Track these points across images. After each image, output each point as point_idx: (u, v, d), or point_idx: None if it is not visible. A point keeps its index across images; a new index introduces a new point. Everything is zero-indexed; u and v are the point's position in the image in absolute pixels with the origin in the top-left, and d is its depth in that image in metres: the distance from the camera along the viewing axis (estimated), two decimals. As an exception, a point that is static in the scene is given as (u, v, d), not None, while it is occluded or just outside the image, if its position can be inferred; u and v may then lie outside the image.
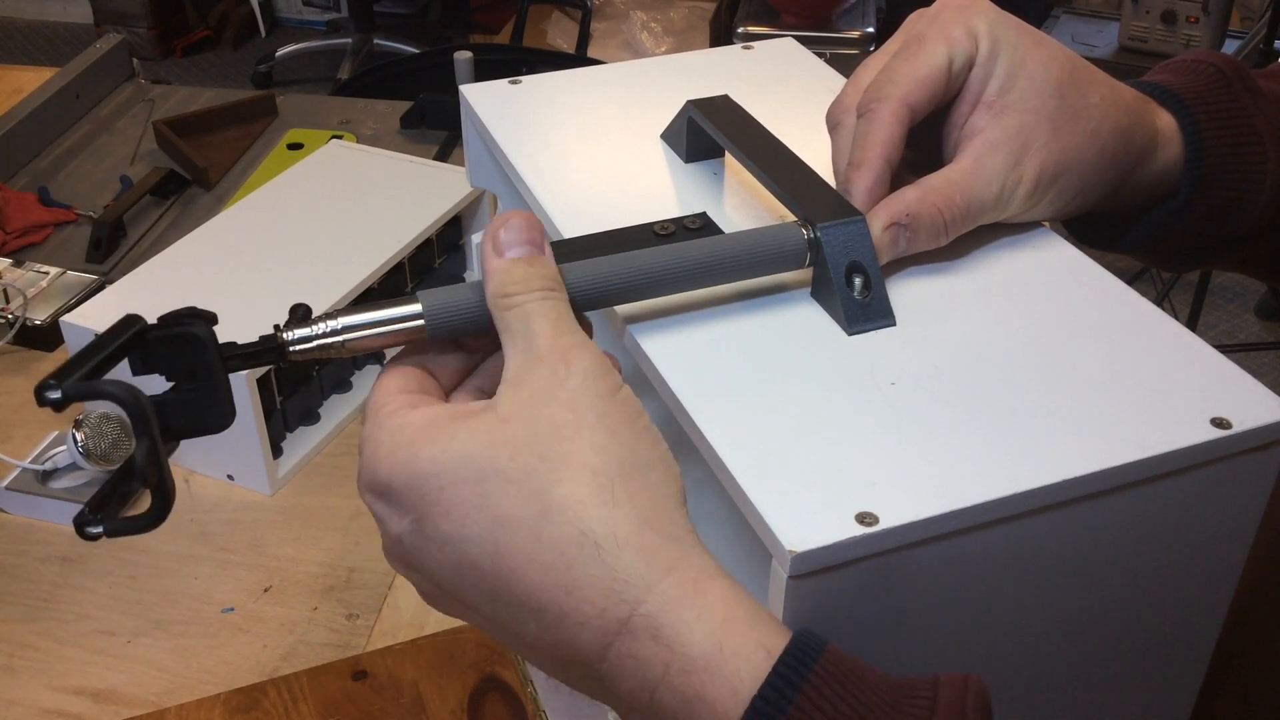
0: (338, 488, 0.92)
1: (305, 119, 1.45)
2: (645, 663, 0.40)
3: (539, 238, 0.48)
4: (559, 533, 0.41)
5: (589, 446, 0.42)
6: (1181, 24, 2.96)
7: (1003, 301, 0.55)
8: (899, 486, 0.44)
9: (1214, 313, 2.60)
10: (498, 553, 0.42)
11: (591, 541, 0.41)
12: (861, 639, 0.45)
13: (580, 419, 0.43)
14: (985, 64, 0.56)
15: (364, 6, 3.56)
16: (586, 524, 0.41)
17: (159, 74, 2.02)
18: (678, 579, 0.41)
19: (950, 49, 0.56)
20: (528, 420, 0.43)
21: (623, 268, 0.51)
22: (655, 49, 3.12)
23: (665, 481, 0.44)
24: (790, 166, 0.58)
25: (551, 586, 0.41)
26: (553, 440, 0.42)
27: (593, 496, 0.41)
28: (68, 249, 1.22)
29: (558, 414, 0.43)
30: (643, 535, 0.41)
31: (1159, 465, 0.47)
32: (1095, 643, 0.52)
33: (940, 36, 0.56)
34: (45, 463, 0.89)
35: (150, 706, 0.76)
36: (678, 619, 0.40)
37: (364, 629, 0.81)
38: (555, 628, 0.42)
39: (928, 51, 0.56)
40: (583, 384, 0.43)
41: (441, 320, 0.48)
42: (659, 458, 0.44)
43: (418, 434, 0.44)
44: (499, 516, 0.42)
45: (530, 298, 0.46)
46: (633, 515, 0.41)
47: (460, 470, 0.42)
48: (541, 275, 0.47)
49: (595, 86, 0.75)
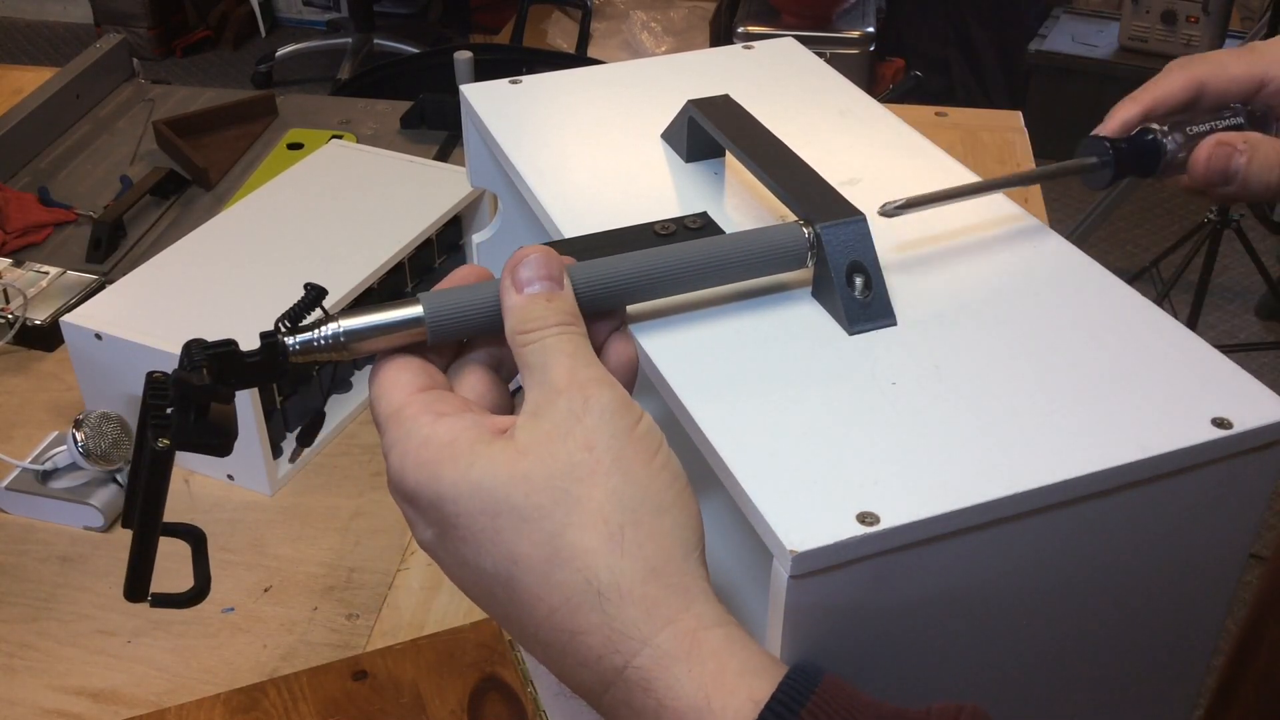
0: (338, 488, 0.92)
1: (305, 119, 1.45)
2: (637, 711, 0.42)
3: (557, 272, 0.48)
4: (566, 578, 0.42)
5: (603, 491, 0.42)
6: (1181, 24, 2.96)
7: (1003, 301, 0.55)
8: (900, 486, 0.44)
9: (1214, 313, 2.60)
10: (509, 585, 0.43)
11: (595, 590, 0.42)
12: (862, 638, 0.45)
13: (596, 460, 0.43)
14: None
15: (364, 6, 3.56)
16: (594, 572, 0.42)
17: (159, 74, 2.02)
18: (674, 632, 0.41)
19: (1271, 69, 0.62)
20: (544, 457, 0.43)
21: (624, 268, 0.50)
22: (655, 49, 3.12)
23: (679, 526, 0.43)
24: (791, 166, 0.58)
25: (556, 628, 0.43)
26: (568, 480, 0.42)
27: (602, 545, 0.42)
28: (68, 249, 1.22)
29: (574, 453, 0.43)
30: (646, 587, 0.42)
31: (1160, 465, 0.47)
32: (1095, 642, 0.52)
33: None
34: (45, 463, 0.89)
35: (150, 706, 0.76)
36: (669, 674, 0.41)
37: (364, 629, 0.81)
38: (559, 661, 0.43)
39: (1253, 57, 0.62)
40: (599, 421, 0.43)
41: (443, 323, 0.47)
42: (675, 498, 0.44)
43: (440, 453, 0.44)
44: (512, 553, 0.43)
45: (548, 333, 0.46)
46: (640, 565, 0.42)
47: (476, 501, 0.43)
48: (559, 310, 0.47)
49: (595, 86, 0.75)
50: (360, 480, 0.92)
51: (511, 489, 0.43)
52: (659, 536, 0.42)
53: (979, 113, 1.39)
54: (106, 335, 0.89)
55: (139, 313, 0.91)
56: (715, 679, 0.41)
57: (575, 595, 0.42)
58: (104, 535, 0.88)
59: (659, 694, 0.41)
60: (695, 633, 0.41)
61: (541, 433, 0.43)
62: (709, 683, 0.41)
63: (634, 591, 0.42)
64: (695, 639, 0.41)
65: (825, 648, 0.45)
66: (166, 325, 0.89)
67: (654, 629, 0.41)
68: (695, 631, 0.41)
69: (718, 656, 0.41)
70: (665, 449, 0.44)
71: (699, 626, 0.42)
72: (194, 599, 0.50)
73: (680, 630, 0.41)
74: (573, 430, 0.43)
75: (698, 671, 0.41)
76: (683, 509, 0.44)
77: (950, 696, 0.42)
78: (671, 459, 0.44)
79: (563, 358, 0.45)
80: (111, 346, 0.89)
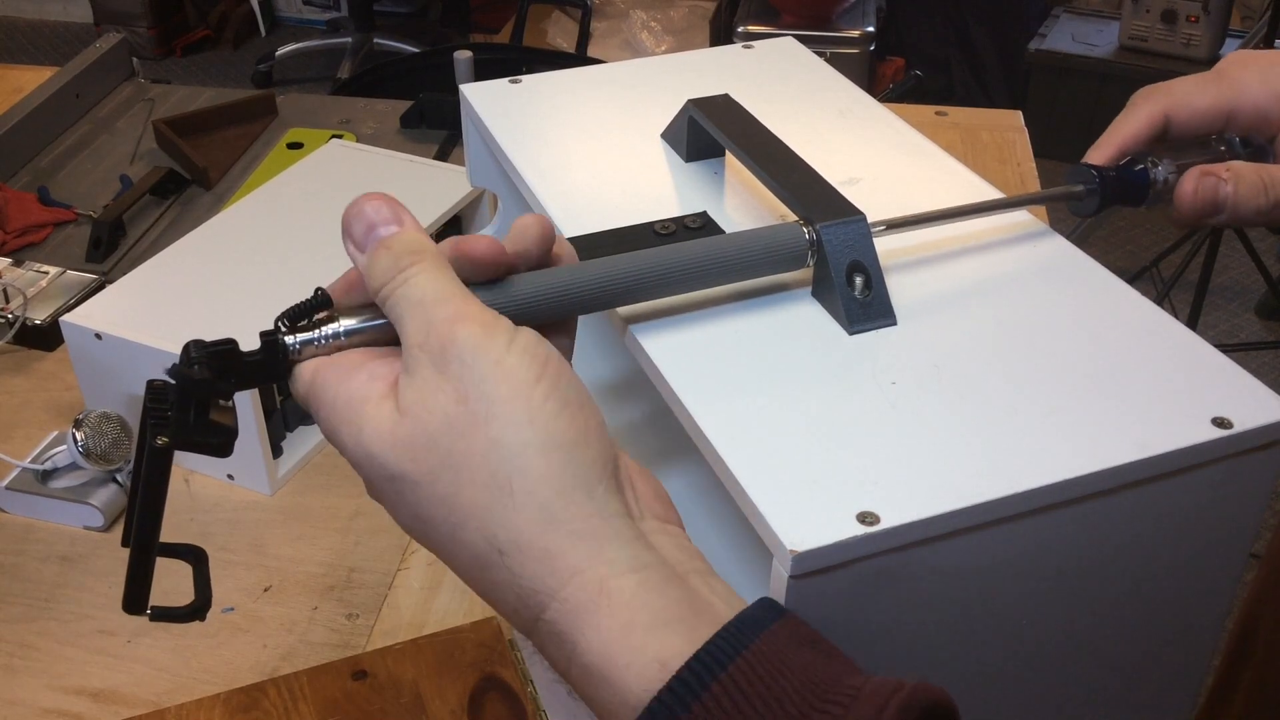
0: (338, 488, 0.92)
1: (305, 118, 1.45)
2: (554, 657, 0.42)
3: (389, 214, 0.46)
4: (469, 538, 0.42)
5: (484, 443, 0.41)
6: (1182, 23, 2.96)
7: (1003, 301, 0.55)
8: (900, 486, 0.44)
9: (1214, 312, 2.60)
10: (427, 540, 0.44)
11: (496, 549, 0.41)
12: (863, 638, 0.45)
13: (471, 412, 0.41)
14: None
15: (364, 6, 3.55)
16: (490, 530, 0.41)
17: (159, 74, 2.01)
18: (580, 583, 0.40)
19: (1238, 99, 0.61)
20: (420, 416, 0.42)
21: (624, 267, 0.50)
22: (655, 48, 3.12)
23: (574, 459, 0.41)
24: (791, 166, 0.58)
25: (475, 581, 0.43)
26: (449, 437, 0.41)
27: (493, 501, 0.41)
28: (68, 249, 1.22)
29: (448, 407, 0.41)
30: (546, 539, 0.41)
31: (1160, 465, 0.47)
32: (1096, 642, 0.52)
33: (1237, 83, 0.61)
34: (45, 463, 0.89)
35: (150, 706, 0.76)
36: (575, 629, 0.40)
37: (364, 629, 0.81)
38: (492, 607, 0.44)
39: (1219, 88, 0.61)
40: (463, 367, 0.42)
41: None
42: (565, 427, 0.42)
43: (340, 415, 0.44)
44: (418, 515, 0.43)
45: (394, 284, 0.44)
46: (535, 516, 0.41)
47: (373, 467, 0.43)
48: (398, 254, 0.44)
49: (595, 86, 0.75)
50: (360, 480, 0.92)
51: (399, 455, 0.42)
52: (551, 478, 0.41)
53: (979, 112, 1.39)
54: (106, 335, 0.89)
55: (139, 312, 0.91)
56: (622, 635, 0.39)
57: (480, 555, 0.41)
58: (104, 535, 0.88)
59: (568, 647, 0.40)
60: (604, 581, 0.40)
61: (414, 390, 0.42)
62: (615, 639, 0.39)
63: (533, 545, 0.40)
64: (604, 589, 0.40)
65: (825, 648, 0.45)
66: (166, 325, 0.89)
67: (559, 581, 0.40)
68: (604, 580, 0.40)
69: (629, 609, 0.39)
70: (550, 372, 0.42)
71: (609, 575, 0.40)
72: (193, 614, 0.49)
73: (588, 580, 0.40)
74: (440, 385, 0.42)
75: (606, 625, 0.39)
76: (577, 435, 0.42)
77: (951, 695, 0.42)
78: (559, 381, 0.42)
79: (413, 307, 0.43)
80: (111, 346, 0.89)
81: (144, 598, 0.47)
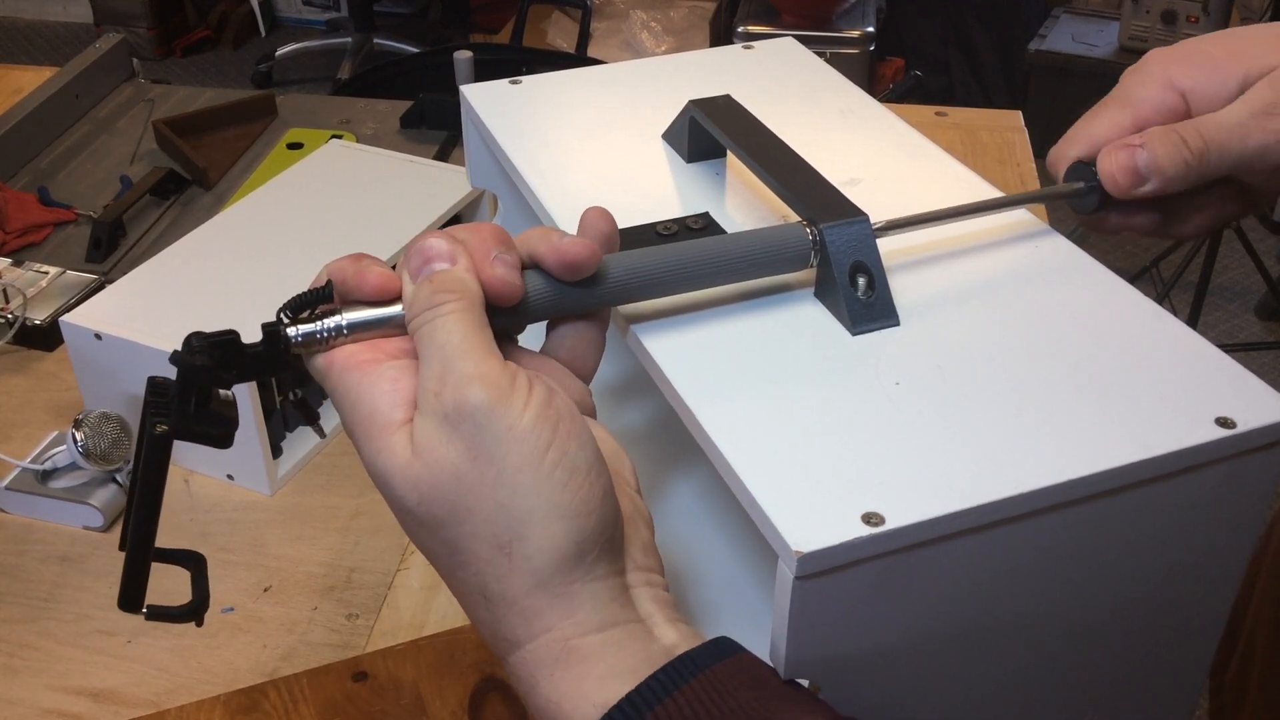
0: (338, 488, 0.92)
1: (305, 119, 1.44)
2: (517, 687, 0.46)
3: (445, 251, 0.46)
4: (465, 578, 0.45)
5: (491, 505, 0.43)
6: (1182, 24, 2.96)
7: (1006, 301, 0.55)
8: (905, 487, 0.44)
9: (1214, 313, 2.60)
10: (426, 556, 0.47)
11: (484, 595, 0.44)
12: (867, 639, 0.45)
13: (481, 472, 0.43)
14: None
15: (364, 6, 3.55)
16: (484, 580, 0.44)
17: (159, 74, 2.01)
18: (548, 640, 0.44)
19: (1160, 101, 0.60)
20: (432, 464, 0.43)
21: (625, 268, 0.50)
22: (655, 49, 3.12)
23: (574, 529, 0.43)
24: (793, 166, 0.58)
25: (460, 601, 0.47)
26: (457, 491, 0.43)
27: (491, 558, 0.43)
28: (68, 249, 1.21)
29: (459, 462, 0.43)
30: (530, 599, 0.43)
31: (1164, 465, 0.47)
32: (1099, 641, 0.52)
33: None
34: (45, 463, 0.89)
35: (150, 706, 0.76)
36: (532, 676, 0.44)
37: (364, 629, 0.81)
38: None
39: (1237, 60, 0.60)
40: (475, 430, 0.42)
41: None
42: (570, 498, 0.43)
43: (360, 426, 0.45)
44: (420, 543, 0.46)
45: (425, 318, 0.45)
46: (527, 579, 0.43)
47: (385, 490, 0.45)
48: (437, 289, 0.45)
49: (595, 86, 0.75)
50: (360, 480, 0.92)
51: (407, 492, 0.44)
52: (548, 549, 0.43)
53: (979, 112, 1.39)
54: (106, 335, 0.89)
55: (139, 312, 0.91)
56: (575, 685, 0.43)
57: (471, 593, 0.45)
58: (104, 535, 0.88)
59: (525, 689, 0.45)
60: (569, 640, 0.43)
61: (426, 436, 0.43)
62: (567, 689, 0.43)
63: (518, 603, 0.44)
64: (568, 647, 0.43)
65: (830, 648, 0.45)
66: (166, 325, 0.89)
67: (530, 635, 0.44)
68: (569, 640, 0.43)
69: (586, 663, 0.43)
70: (561, 438, 0.43)
71: (575, 635, 0.43)
72: (190, 615, 0.49)
73: (554, 638, 0.43)
74: (452, 438, 0.43)
75: (560, 676, 0.43)
76: (580, 506, 0.43)
77: (954, 695, 0.42)
78: (569, 447, 0.43)
79: (436, 350, 0.44)
80: (111, 346, 0.89)
81: (140, 596, 0.47)
